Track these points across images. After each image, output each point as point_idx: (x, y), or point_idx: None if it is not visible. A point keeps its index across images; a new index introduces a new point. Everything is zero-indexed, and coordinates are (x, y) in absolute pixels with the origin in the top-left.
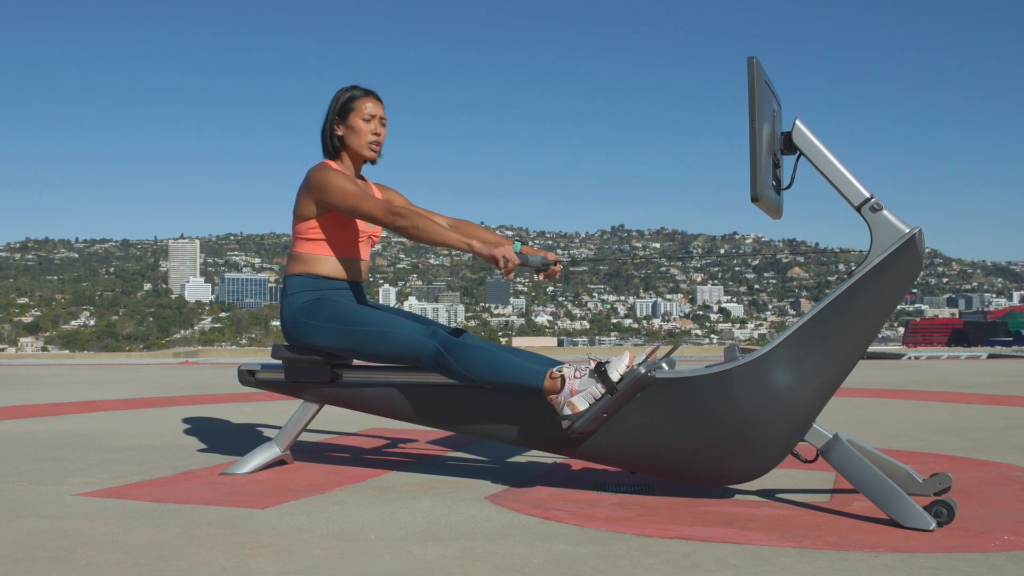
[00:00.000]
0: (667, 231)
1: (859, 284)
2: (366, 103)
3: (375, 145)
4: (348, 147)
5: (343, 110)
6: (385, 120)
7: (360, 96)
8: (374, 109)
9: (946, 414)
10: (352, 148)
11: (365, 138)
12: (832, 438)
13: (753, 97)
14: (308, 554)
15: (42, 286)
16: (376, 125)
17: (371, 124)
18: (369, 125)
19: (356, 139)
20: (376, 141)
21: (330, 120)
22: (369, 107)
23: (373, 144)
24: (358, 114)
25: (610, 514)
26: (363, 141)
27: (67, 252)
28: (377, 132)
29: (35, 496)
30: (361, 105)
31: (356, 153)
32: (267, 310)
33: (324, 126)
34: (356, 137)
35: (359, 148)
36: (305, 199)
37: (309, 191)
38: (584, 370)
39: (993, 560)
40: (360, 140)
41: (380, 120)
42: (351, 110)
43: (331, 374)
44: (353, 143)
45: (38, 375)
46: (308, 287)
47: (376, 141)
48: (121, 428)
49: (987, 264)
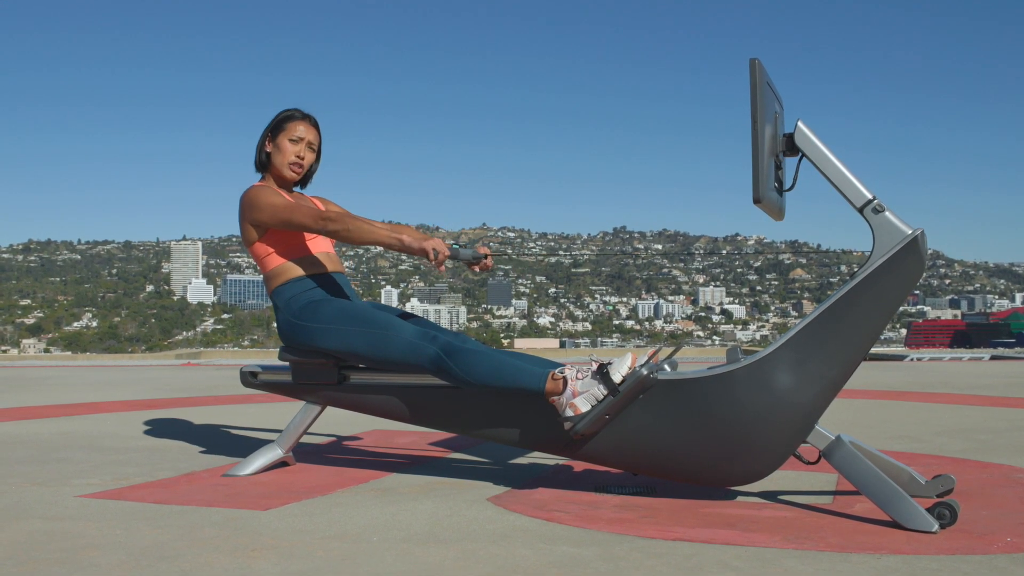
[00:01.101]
0: (669, 232)
1: (861, 286)
2: (298, 125)
3: (296, 167)
4: (272, 165)
5: (276, 128)
6: (315, 145)
7: (296, 119)
8: (304, 132)
9: (949, 416)
10: (275, 166)
11: (287, 158)
12: (834, 440)
13: (755, 99)
14: (310, 556)
15: (44, 288)
16: (302, 148)
17: (297, 146)
18: (295, 147)
19: (279, 158)
20: (298, 163)
21: (264, 136)
22: (300, 130)
23: (294, 165)
24: (287, 134)
25: (612, 516)
26: (285, 161)
27: (69, 254)
28: (301, 155)
29: (37, 497)
30: (293, 127)
31: (278, 172)
32: (269, 312)
33: (258, 141)
34: (280, 156)
35: (280, 167)
36: (244, 225)
37: (245, 215)
38: (586, 372)
39: (996, 562)
40: (283, 159)
41: (308, 144)
42: (282, 130)
43: (338, 376)
44: (276, 161)
45: (40, 377)
46: (299, 290)
47: (298, 163)
48: (123, 430)
49: (989, 265)
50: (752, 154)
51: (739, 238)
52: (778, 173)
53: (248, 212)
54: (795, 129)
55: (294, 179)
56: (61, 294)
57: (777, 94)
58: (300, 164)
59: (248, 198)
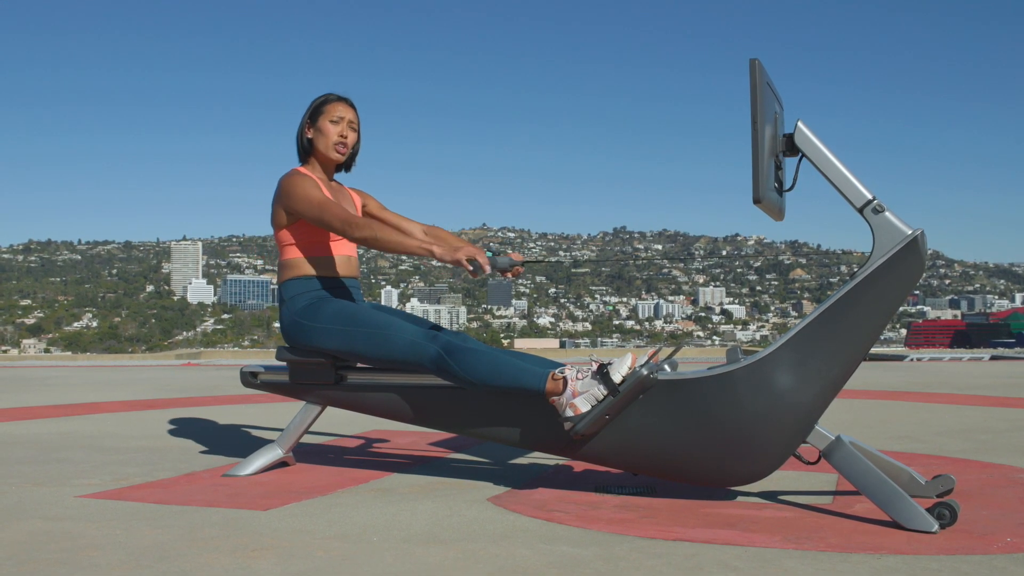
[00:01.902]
0: (669, 233)
1: (861, 286)
2: (337, 106)
3: (341, 147)
4: (316, 150)
5: (314, 114)
6: (355, 125)
7: (332, 100)
8: (343, 112)
9: (949, 416)
10: (319, 150)
11: (331, 139)
12: (834, 440)
13: (755, 99)
14: (310, 556)
15: (44, 288)
16: (344, 128)
17: (339, 126)
18: (336, 127)
19: (323, 141)
20: (342, 143)
21: (302, 123)
22: (340, 110)
23: (339, 145)
24: (327, 116)
25: (612, 516)
26: (329, 142)
27: (70, 254)
28: (344, 135)
29: (38, 498)
30: (331, 108)
31: (324, 155)
32: (269, 312)
33: (297, 130)
34: (324, 139)
35: (326, 150)
36: (277, 208)
37: (279, 200)
38: (586, 372)
39: (996, 562)
40: (327, 142)
41: (349, 123)
42: (321, 113)
43: (336, 376)
44: (320, 145)
45: (40, 377)
46: (305, 289)
47: (342, 143)
48: (123, 430)
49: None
50: (752, 154)
51: (739, 238)
52: (778, 173)
53: (284, 197)
54: (795, 129)
55: (340, 160)
56: (61, 294)
57: (777, 94)
58: (344, 143)
59: (287, 184)
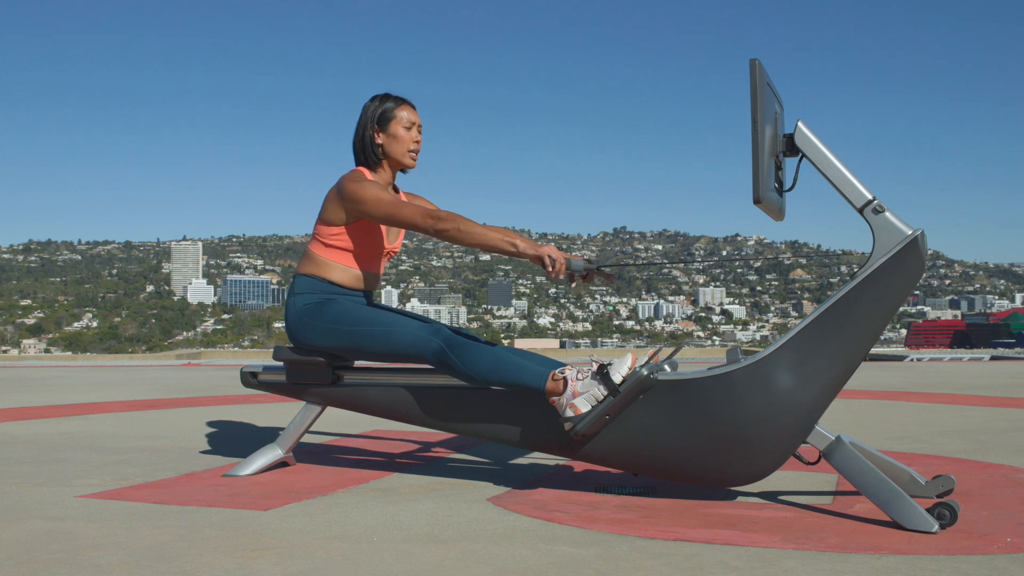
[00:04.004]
0: (669, 233)
1: (861, 286)
2: (403, 110)
3: (415, 153)
4: (389, 156)
5: (382, 119)
6: (422, 127)
7: (397, 104)
8: (412, 117)
9: (949, 416)
10: (393, 157)
11: (406, 146)
12: (834, 440)
13: (755, 99)
14: (310, 556)
15: (45, 288)
16: (416, 133)
17: (412, 132)
18: (410, 133)
19: (398, 147)
20: (416, 149)
21: (367, 129)
22: (407, 115)
23: (413, 152)
24: (399, 122)
25: (612, 516)
26: (404, 149)
27: (70, 254)
28: (417, 139)
29: (38, 498)
30: (400, 113)
31: (397, 162)
32: (269, 312)
33: (360, 135)
34: (398, 145)
35: (400, 157)
36: (336, 205)
37: (342, 199)
38: (586, 372)
39: (996, 563)
40: (402, 148)
41: (418, 128)
42: (391, 118)
43: (333, 375)
44: (395, 151)
45: (41, 377)
46: (316, 289)
47: (416, 149)
48: (124, 430)
49: (989, 266)
50: (752, 154)
51: (739, 238)
52: (778, 173)
53: (351, 199)
54: (795, 129)
55: (413, 166)
56: (61, 294)
57: (777, 95)
58: (418, 150)
59: (355, 187)
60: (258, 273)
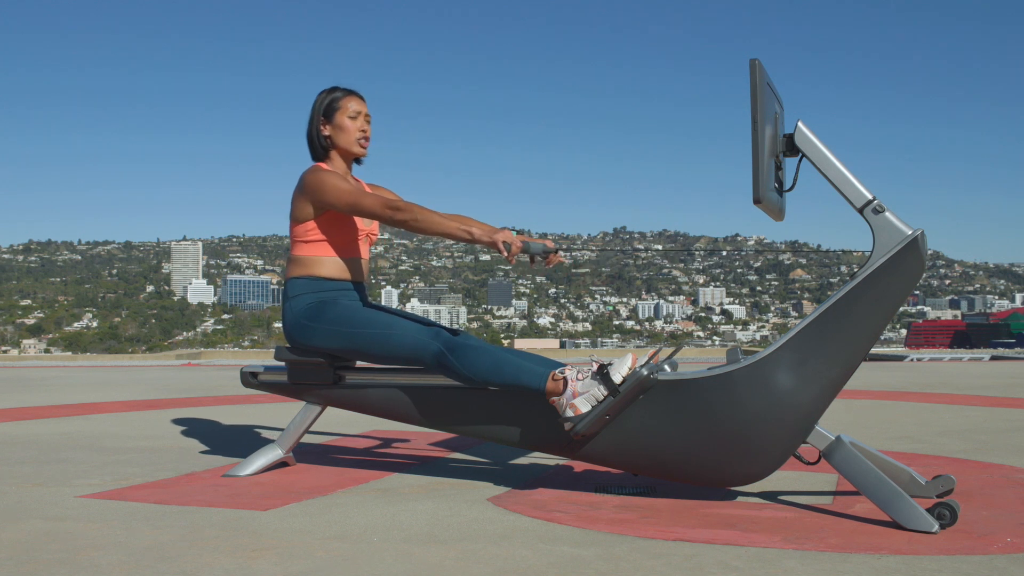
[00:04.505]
0: (669, 233)
1: (861, 286)
2: (350, 101)
3: (364, 141)
4: (337, 146)
5: (328, 110)
6: (370, 117)
7: (344, 95)
8: (358, 106)
9: (949, 416)
10: (341, 146)
11: (353, 135)
12: (834, 440)
13: (755, 99)
14: (310, 556)
15: (44, 288)
16: (362, 122)
17: (357, 121)
18: (356, 122)
19: (345, 137)
20: (365, 136)
21: (315, 122)
22: (353, 105)
23: (362, 140)
24: (344, 112)
25: (612, 516)
26: (352, 138)
27: (70, 254)
28: (364, 128)
29: (38, 498)
30: (346, 103)
31: (346, 151)
32: (269, 312)
33: (310, 129)
34: (344, 135)
35: (349, 145)
36: (301, 202)
37: (304, 193)
38: (586, 372)
39: (996, 563)
40: (349, 137)
41: (365, 117)
42: (336, 109)
43: (334, 376)
44: (342, 141)
45: (41, 377)
46: (310, 289)
47: (365, 136)
48: (124, 430)
49: (989, 266)
50: (752, 154)
51: (739, 238)
52: (778, 173)
53: (311, 191)
54: (795, 129)
55: (364, 154)
56: (61, 294)
57: (777, 95)
58: (366, 137)
59: (315, 178)
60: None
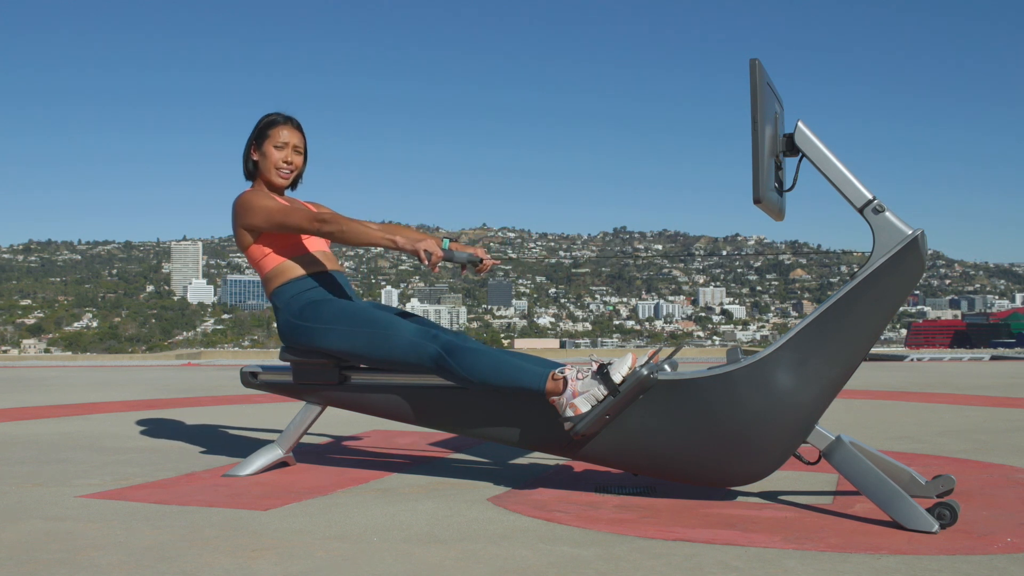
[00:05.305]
0: (669, 233)
1: (862, 286)
2: (281, 131)
3: (285, 172)
4: (261, 172)
5: (260, 135)
6: (300, 148)
7: (278, 124)
8: (288, 137)
9: (949, 416)
10: (263, 173)
11: (275, 164)
12: (835, 440)
13: (755, 99)
14: (310, 556)
15: (45, 288)
16: (288, 153)
17: (283, 152)
18: (281, 153)
19: (267, 164)
20: (286, 168)
21: (249, 144)
22: (284, 135)
23: (282, 171)
24: (272, 141)
25: (612, 516)
26: (272, 167)
27: (70, 254)
28: (288, 160)
29: (38, 498)
30: (276, 132)
31: (267, 179)
32: (269, 312)
33: (245, 150)
34: (266, 163)
35: (268, 174)
36: (238, 230)
37: (238, 220)
38: (586, 372)
39: (996, 563)
40: (270, 166)
41: (294, 148)
42: (266, 136)
43: (339, 376)
44: (264, 168)
45: (41, 377)
46: (294, 291)
47: (286, 168)
48: (124, 430)
49: (990, 266)
50: (752, 154)
51: (739, 238)
52: (778, 173)
53: (241, 216)
54: (795, 129)
55: (284, 185)
56: (61, 294)
57: (777, 94)
58: (288, 169)
59: (241, 202)
60: None
